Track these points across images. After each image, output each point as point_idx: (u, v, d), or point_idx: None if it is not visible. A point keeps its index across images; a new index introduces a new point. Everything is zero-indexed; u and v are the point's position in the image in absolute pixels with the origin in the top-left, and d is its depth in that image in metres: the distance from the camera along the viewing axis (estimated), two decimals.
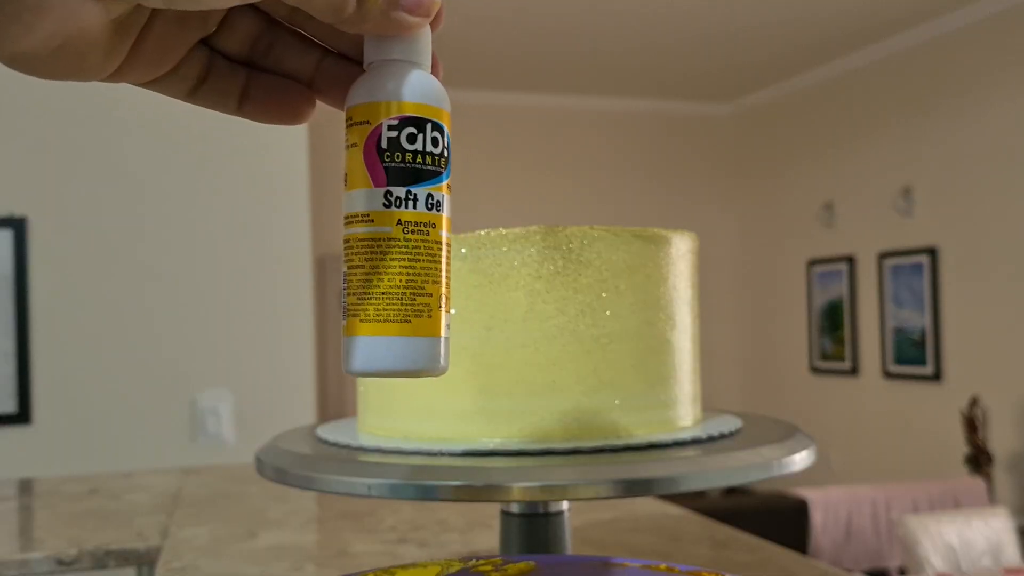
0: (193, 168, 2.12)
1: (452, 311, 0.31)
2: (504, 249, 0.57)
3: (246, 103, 0.36)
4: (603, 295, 0.57)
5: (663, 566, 0.40)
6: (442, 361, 0.32)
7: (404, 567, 0.36)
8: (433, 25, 0.33)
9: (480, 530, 1.15)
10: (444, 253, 0.32)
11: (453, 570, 0.36)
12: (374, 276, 0.31)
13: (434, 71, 0.33)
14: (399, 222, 0.31)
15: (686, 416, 0.62)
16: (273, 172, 2.17)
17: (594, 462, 0.51)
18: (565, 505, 0.62)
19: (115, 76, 0.33)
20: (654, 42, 4.88)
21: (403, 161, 0.31)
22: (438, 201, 0.32)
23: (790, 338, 5.84)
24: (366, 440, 0.60)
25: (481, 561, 0.35)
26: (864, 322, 5.21)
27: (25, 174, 2.04)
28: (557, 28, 4.63)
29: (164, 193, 2.10)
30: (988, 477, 4.11)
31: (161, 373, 2.08)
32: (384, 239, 0.31)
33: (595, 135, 6.00)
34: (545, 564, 0.35)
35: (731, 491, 4.58)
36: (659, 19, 4.52)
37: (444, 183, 0.32)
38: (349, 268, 0.32)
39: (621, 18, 4.50)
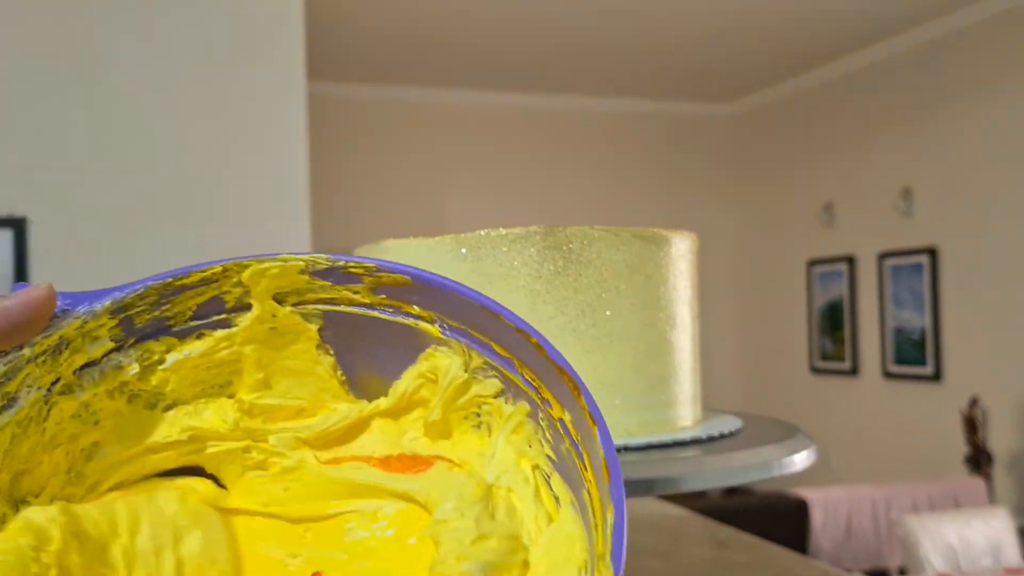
0: (193, 168, 2.12)
1: None
2: (504, 249, 0.57)
3: None
4: (603, 295, 0.57)
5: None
6: None
7: (260, 259, 0.34)
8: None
9: None
10: None
11: (320, 267, 0.34)
12: None
13: None
14: None
15: (686, 416, 0.62)
16: (273, 172, 2.17)
17: None
18: None
19: None
20: (654, 42, 4.88)
21: None
22: None
23: (790, 338, 5.83)
24: None
25: (352, 263, 0.33)
26: (864, 322, 5.21)
27: (25, 174, 2.03)
28: (557, 28, 4.63)
29: (164, 193, 2.10)
30: (988, 477, 4.11)
31: None
32: None
33: (595, 135, 6.00)
34: (422, 281, 0.33)
35: (731, 491, 4.58)
36: (659, 19, 4.52)
37: None
38: None
39: (621, 18, 4.50)
